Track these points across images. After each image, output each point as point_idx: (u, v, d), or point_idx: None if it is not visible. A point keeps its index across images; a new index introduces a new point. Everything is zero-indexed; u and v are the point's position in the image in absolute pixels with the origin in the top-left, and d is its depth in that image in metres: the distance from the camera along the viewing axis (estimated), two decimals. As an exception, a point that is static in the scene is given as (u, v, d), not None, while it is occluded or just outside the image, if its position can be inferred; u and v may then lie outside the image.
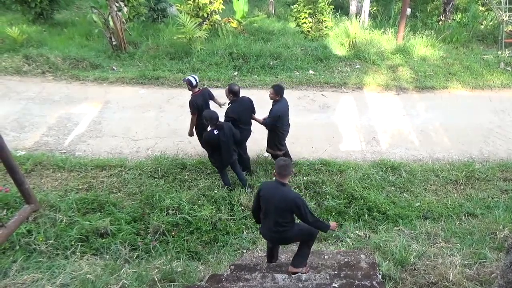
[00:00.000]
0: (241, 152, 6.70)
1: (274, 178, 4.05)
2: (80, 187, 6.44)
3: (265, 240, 4.82)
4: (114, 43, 11.14)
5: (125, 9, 12.02)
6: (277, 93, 6.19)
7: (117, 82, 9.93)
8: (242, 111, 6.40)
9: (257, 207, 4.30)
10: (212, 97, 6.77)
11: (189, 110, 6.48)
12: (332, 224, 4.27)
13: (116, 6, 10.82)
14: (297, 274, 4.23)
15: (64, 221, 5.52)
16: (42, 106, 8.77)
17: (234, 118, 6.30)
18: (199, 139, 6.91)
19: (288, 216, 4.06)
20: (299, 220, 4.17)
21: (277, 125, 6.39)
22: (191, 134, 6.79)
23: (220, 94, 6.86)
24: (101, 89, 9.64)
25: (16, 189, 3.30)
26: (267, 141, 6.75)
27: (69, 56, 10.59)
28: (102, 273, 4.17)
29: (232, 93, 6.29)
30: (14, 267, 4.22)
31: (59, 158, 7.02)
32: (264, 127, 6.47)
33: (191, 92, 6.50)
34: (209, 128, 6.03)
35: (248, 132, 6.67)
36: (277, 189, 4.01)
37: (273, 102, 6.32)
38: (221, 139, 5.92)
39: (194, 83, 6.43)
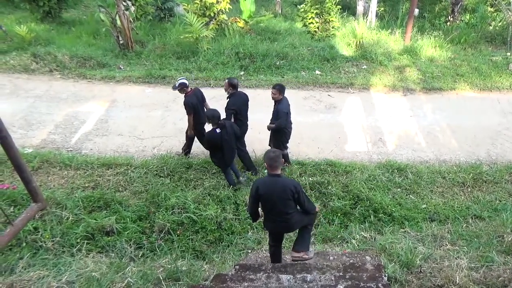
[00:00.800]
0: (240, 146, 6.81)
1: (265, 171, 4.07)
2: (87, 185, 6.47)
3: (268, 241, 4.84)
4: (121, 42, 11.19)
5: (133, 8, 12.07)
6: (280, 92, 6.29)
7: (123, 81, 9.98)
8: (241, 104, 6.60)
9: (256, 207, 4.30)
10: (204, 99, 6.88)
11: (185, 111, 6.58)
12: (317, 207, 4.67)
13: (124, 5, 10.86)
14: (301, 275, 4.21)
15: (70, 218, 5.55)
16: (50, 104, 8.83)
17: (236, 110, 6.46)
18: (199, 139, 6.96)
19: (292, 203, 4.18)
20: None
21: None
22: (191, 135, 6.85)
23: (224, 93, 6.89)
24: (108, 88, 9.69)
25: (24, 186, 3.32)
26: (273, 141, 6.76)
27: (76, 55, 10.67)
28: (108, 271, 4.17)
29: (232, 86, 6.49)
30: (21, 263, 4.24)
31: (65, 156, 7.06)
32: (278, 128, 6.51)
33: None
34: (206, 127, 6.06)
35: (246, 126, 6.88)
36: (275, 182, 4.12)
37: (276, 102, 6.38)
38: (223, 138, 5.96)
39: (187, 83, 6.58)
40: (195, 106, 6.54)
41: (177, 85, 6.55)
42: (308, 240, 4.66)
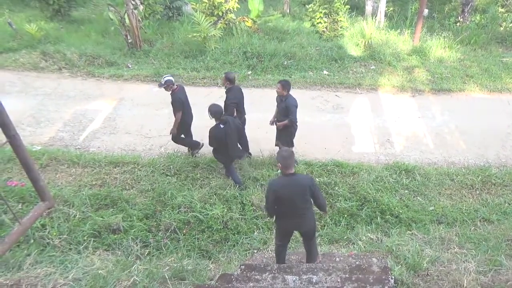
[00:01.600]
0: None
1: (278, 171, 4.08)
2: (94, 183, 6.51)
3: (274, 241, 4.84)
4: (129, 41, 11.24)
5: (141, 7, 12.12)
6: (285, 87, 6.30)
7: (131, 79, 10.03)
8: (240, 97, 6.74)
9: (274, 206, 4.28)
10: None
11: (173, 108, 6.60)
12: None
13: (132, 4, 10.90)
14: (307, 276, 4.20)
15: (77, 216, 5.59)
16: (58, 102, 8.90)
17: (236, 103, 6.59)
18: (174, 138, 6.97)
19: (309, 198, 4.29)
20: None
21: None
22: (174, 132, 6.85)
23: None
24: (116, 86, 9.73)
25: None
26: (282, 139, 6.74)
27: (85, 53, 10.73)
28: (114, 268, 4.19)
29: (229, 81, 6.60)
30: (28, 260, 4.26)
31: (73, 154, 7.12)
32: (290, 124, 6.51)
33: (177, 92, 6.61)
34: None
35: (245, 119, 7.00)
36: (292, 182, 4.18)
37: (282, 98, 6.39)
38: (227, 132, 5.99)
39: (173, 80, 6.60)
40: (184, 104, 6.58)
41: (163, 82, 6.50)
42: (316, 246, 4.88)
